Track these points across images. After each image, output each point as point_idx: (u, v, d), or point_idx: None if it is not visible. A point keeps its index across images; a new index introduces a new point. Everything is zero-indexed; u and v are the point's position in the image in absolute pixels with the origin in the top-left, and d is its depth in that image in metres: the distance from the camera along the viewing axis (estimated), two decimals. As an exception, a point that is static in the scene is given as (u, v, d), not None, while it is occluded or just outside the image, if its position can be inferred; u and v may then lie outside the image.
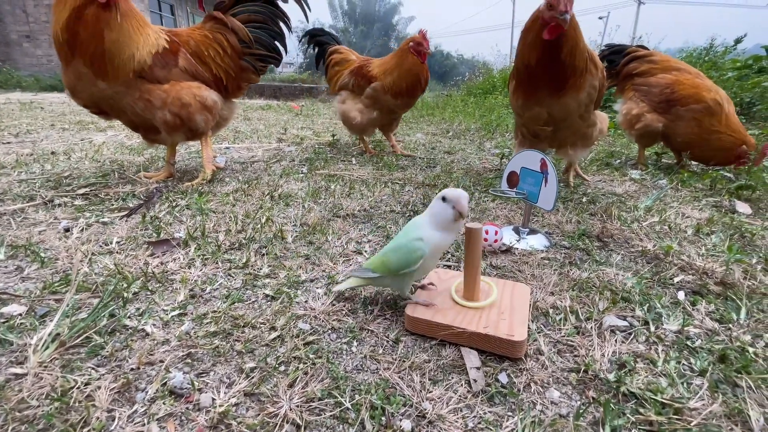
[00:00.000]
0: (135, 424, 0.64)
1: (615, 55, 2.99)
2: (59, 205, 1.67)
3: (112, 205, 1.69)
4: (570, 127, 1.98)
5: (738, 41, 6.16)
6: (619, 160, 3.06)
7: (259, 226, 1.48)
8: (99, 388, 0.70)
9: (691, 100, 2.48)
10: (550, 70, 1.80)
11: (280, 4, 2.25)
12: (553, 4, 1.63)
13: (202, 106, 1.99)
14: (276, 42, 2.25)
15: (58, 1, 1.68)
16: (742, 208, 1.89)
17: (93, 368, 0.75)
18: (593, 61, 1.86)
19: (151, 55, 1.84)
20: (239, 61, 2.14)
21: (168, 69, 1.91)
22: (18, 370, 0.75)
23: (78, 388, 0.70)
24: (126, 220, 1.52)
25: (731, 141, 2.40)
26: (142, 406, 0.68)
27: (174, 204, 1.70)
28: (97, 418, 0.65)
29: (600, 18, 28.19)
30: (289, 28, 2.29)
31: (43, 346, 0.79)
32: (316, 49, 3.32)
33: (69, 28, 1.67)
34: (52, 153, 2.69)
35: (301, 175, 2.33)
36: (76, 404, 0.67)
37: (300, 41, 2.18)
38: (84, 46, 1.70)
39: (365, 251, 1.33)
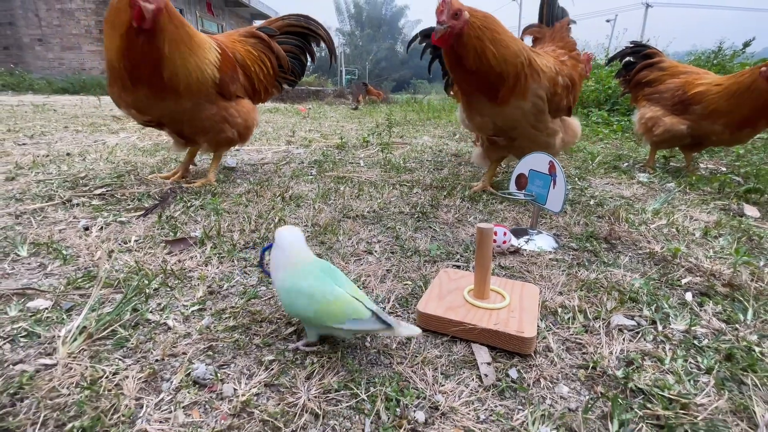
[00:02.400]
0: (162, 411, 0.68)
1: (634, 55, 2.91)
2: (77, 204, 1.71)
3: (128, 205, 1.74)
4: (526, 137, 1.92)
5: (746, 44, 6.15)
6: (626, 163, 3.07)
7: (272, 225, 1.52)
8: (126, 377, 0.73)
9: (704, 96, 2.45)
10: (470, 78, 1.77)
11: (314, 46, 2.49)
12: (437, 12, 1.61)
13: (254, 126, 2.22)
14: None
15: (108, 26, 1.67)
16: (750, 211, 1.90)
17: (120, 359, 0.79)
18: (533, 67, 1.78)
19: (217, 68, 1.89)
20: (274, 81, 2.31)
21: (235, 84, 2.01)
22: (47, 361, 0.78)
23: (106, 377, 0.74)
24: (143, 220, 1.56)
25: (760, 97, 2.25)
26: (168, 395, 0.71)
27: (189, 204, 1.74)
28: (126, 405, 0.68)
29: (607, 21, 28.11)
30: (314, 62, 2.56)
31: (71, 338, 0.82)
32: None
33: (125, 56, 1.66)
34: (68, 154, 2.75)
35: (311, 177, 2.37)
36: (106, 392, 0.70)
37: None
38: (148, 73, 1.70)
39: (375, 251, 1.36)
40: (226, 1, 18.39)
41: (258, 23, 2.60)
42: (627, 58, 2.97)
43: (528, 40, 2.33)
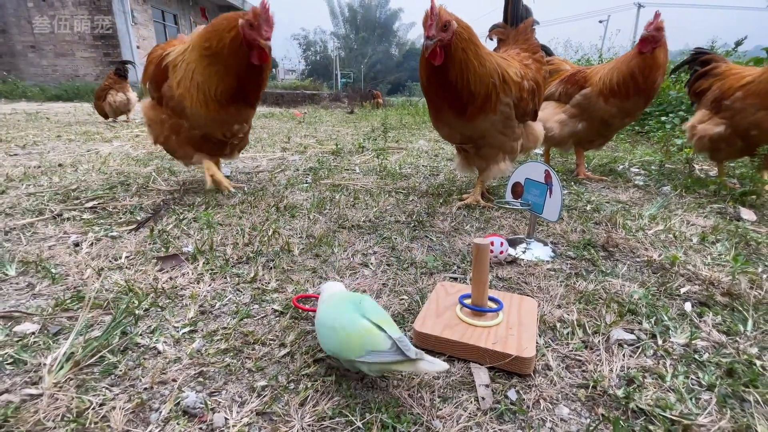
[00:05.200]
0: (150, 445, 0.65)
1: (693, 63, 2.63)
2: (68, 219, 1.69)
3: (120, 218, 1.71)
4: (494, 145, 1.92)
5: (738, 43, 6.17)
6: (622, 166, 3.07)
7: (265, 238, 1.50)
8: (114, 408, 0.71)
9: (734, 88, 2.24)
10: (445, 94, 1.76)
11: None
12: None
13: None
14: None
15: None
16: (747, 215, 1.89)
17: (107, 388, 0.77)
18: (505, 81, 1.77)
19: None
20: None
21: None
22: (33, 391, 0.76)
23: (93, 408, 0.71)
24: (134, 234, 1.54)
25: None
26: (156, 427, 0.69)
27: (181, 217, 1.72)
28: (113, 439, 0.66)
29: (600, 22, 28.32)
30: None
31: (57, 366, 0.80)
32: None
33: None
34: (60, 165, 2.72)
35: (306, 185, 2.35)
36: (92, 426, 0.68)
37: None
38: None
39: (371, 264, 1.34)
40: (219, 6, 18.37)
41: None
42: (695, 67, 2.62)
43: (491, 45, 2.26)
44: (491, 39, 2.20)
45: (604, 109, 2.41)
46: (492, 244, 1.34)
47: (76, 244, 1.43)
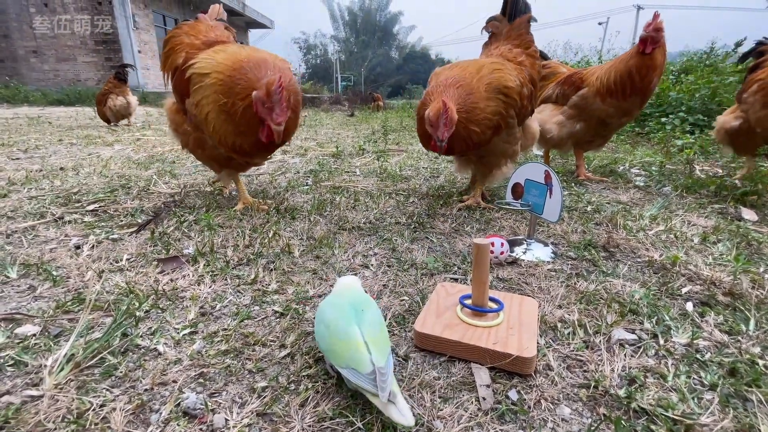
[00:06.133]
0: (150, 446, 0.65)
1: (752, 54, 2.48)
2: (69, 222, 1.69)
3: (121, 221, 1.72)
4: (497, 153, 1.95)
5: (738, 44, 6.17)
6: (622, 167, 3.07)
7: (266, 240, 1.50)
8: (114, 409, 0.71)
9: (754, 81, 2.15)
10: (452, 149, 1.83)
11: None
12: (432, 125, 1.63)
13: None
14: None
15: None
16: (748, 215, 1.89)
17: (108, 389, 0.76)
18: (507, 95, 1.79)
19: None
20: None
21: None
22: (34, 392, 0.76)
23: (93, 410, 0.71)
24: (135, 237, 1.54)
25: None
26: (156, 428, 0.68)
27: (182, 219, 1.72)
28: (113, 440, 0.66)
29: (600, 24, 28.38)
30: None
31: (58, 367, 0.80)
32: None
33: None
34: (61, 169, 2.73)
35: (306, 187, 2.36)
36: (92, 427, 0.68)
37: None
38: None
39: (371, 265, 1.34)
40: (220, 10, 18.42)
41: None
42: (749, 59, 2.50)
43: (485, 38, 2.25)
44: (487, 31, 2.19)
45: (602, 108, 2.40)
46: (492, 244, 1.34)
47: (77, 247, 1.44)
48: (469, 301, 0.98)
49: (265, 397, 0.75)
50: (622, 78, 2.31)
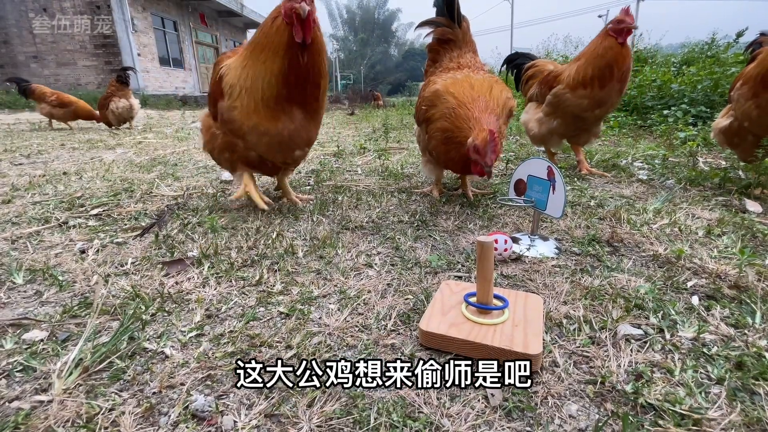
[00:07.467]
0: (160, 449, 0.66)
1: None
2: (74, 226, 1.70)
3: (125, 224, 1.72)
4: None
5: (740, 35, 6.12)
6: (625, 160, 3.05)
7: (270, 241, 1.50)
8: (123, 413, 0.72)
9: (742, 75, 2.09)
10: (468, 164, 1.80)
11: None
12: (480, 153, 1.57)
13: None
14: None
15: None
16: (753, 206, 1.88)
17: (116, 393, 0.77)
18: (505, 113, 1.80)
19: None
20: None
21: None
22: (43, 397, 0.76)
23: (103, 414, 0.72)
24: (140, 240, 1.55)
25: None
26: (166, 431, 0.69)
27: (186, 222, 1.73)
28: (123, 443, 0.66)
29: (599, 16, 28.20)
30: None
31: (67, 372, 0.81)
32: (515, 72, 3.11)
33: None
34: (64, 173, 2.74)
35: (308, 187, 2.36)
36: (102, 431, 0.69)
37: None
38: None
39: (375, 264, 1.34)
40: (219, 11, 18.45)
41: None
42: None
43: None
44: (441, 38, 2.12)
45: (575, 102, 2.43)
46: (496, 242, 1.34)
47: (82, 251, 1.44)
48: (473, 299, 0.98)
49: (272, 399, 0.76)
50: (601, 70, 2.34)
